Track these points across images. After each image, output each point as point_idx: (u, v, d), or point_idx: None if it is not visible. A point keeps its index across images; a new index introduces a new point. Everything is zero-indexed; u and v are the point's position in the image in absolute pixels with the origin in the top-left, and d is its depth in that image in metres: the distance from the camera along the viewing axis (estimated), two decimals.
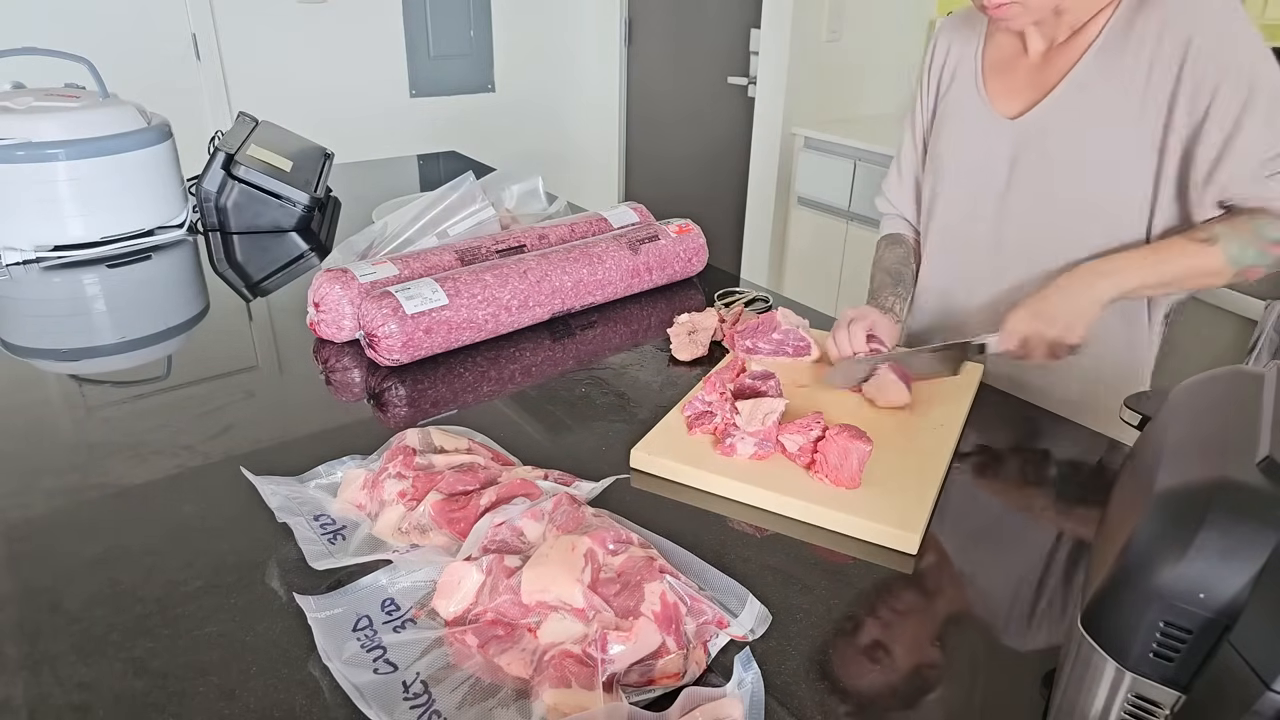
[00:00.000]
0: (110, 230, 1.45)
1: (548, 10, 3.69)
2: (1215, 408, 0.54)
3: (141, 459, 0.87)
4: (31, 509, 0.79)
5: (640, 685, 0.60)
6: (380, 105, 3.38)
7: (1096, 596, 0.49)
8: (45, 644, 0.63)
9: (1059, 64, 1.03)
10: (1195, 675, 0.45)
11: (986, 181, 1.11)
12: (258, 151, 1.60)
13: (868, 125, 2.97)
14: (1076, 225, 1.05)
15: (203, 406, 0.97)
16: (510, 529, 0.71)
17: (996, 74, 1.11)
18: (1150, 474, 0.50)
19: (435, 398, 1.01)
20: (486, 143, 3.55)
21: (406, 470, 0.78)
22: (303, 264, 1.46)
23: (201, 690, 0.60)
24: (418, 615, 0.66)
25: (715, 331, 1.15)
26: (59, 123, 1.37)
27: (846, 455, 0.81)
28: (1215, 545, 0.44)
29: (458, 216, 1.35)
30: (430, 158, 2.23)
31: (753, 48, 3.16)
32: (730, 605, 0.67)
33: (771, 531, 0.79)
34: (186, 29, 2.91)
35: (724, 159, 3.44)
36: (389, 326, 1.02)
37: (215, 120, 2.96)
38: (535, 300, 1.15)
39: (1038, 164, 1.05)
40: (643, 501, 0.82)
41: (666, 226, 1.33)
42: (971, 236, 1.15)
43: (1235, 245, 0.94)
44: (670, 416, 0.93)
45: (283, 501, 0.78)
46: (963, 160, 1.14)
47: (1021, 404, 1.03)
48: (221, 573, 0.71)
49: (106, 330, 1.21)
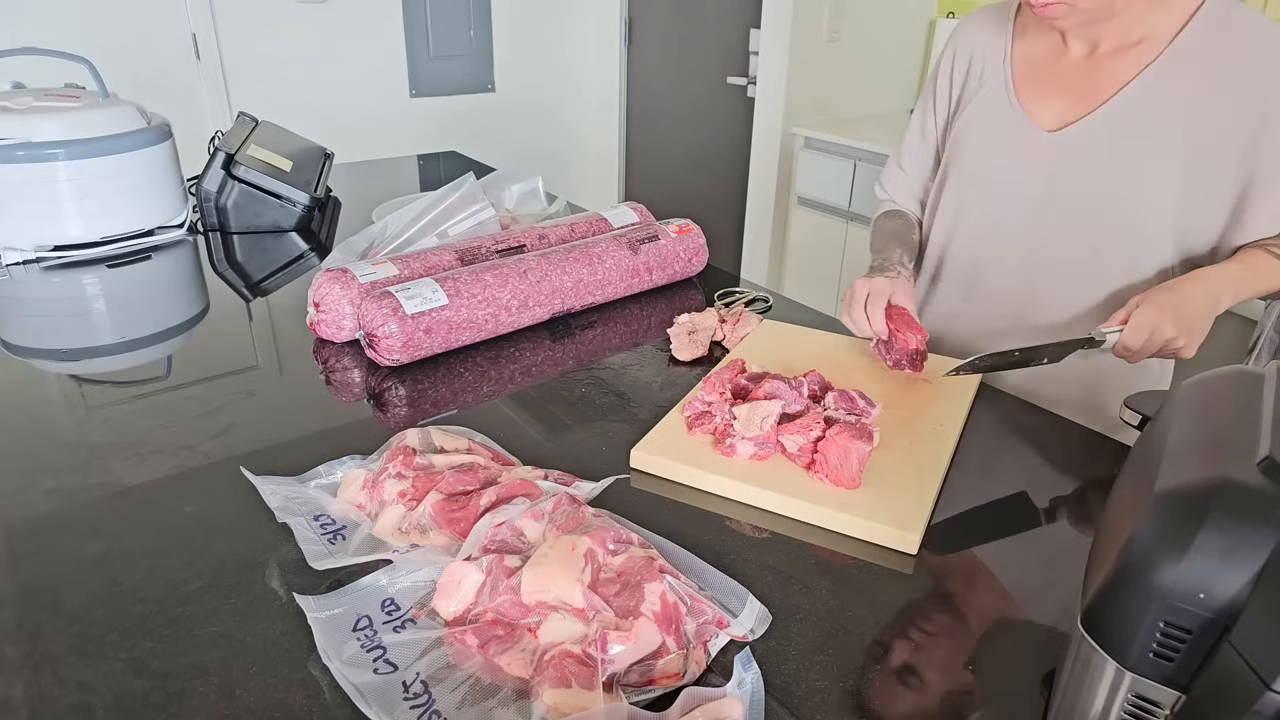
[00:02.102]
0: (110, 230, 1.45)
1: (548, 10, 3.69)
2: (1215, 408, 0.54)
3: (141, 459, 0.87)
4: (31, 509, 0.79)
5: (640, 685, 0.60)
6: (380, 105, 3.38)
7: (1096, 596, 0.49)
8: (45, 644, 0.63)
9: (1109, 75, 0.98)
10: (1195, 675, 0.45)
11: (1021, 196, 1.06)
12: (258, 151, 1.60)
13: (868, 125, 2.97)
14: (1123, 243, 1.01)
15: (203, 406, 0.97)
16: (510, 529, 0.71)
17: (1030, 79, 1.05)
18: (1150, 474, 0.50)
19: (435, 398, 1.01)
20: (486, 143, 3.55)
21: (406, 470, 0.78)
22: (303, 264, 1.46)
23: (201, 690, 0.60)
24: (418, 615, 0.66)
25: (715, 331, 1.15)
26: (59, 123, 1.37)
27: (847, 455, 0.81)
28: (1215, 545, 0.44)
29: (458, 217, 1.35)
30: (430, 158, 2.23)
31: (753, 48, 3.16)
32: (730, 605, 0.67)
33: (771, 531, 0.79)
34: (186, 29, 2.91)
35: (724, 159, 3.44)
36: (389, 326, 1.02)
37: (215, 120, 2.96)
38: (535, 300, 1.15)
39: (1083, 180, 1.01)
40: (643, 501, 0.82)
41: (666, 226, 1.33)
42: (1001, 250, 1.11)
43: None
44: (670, 416, 0.93)
45: (283, 501, 0.78)
46: (994, 173, 1.09)
47: (1021, 404, 1.03)
48: (221, 573, 0.71)
49: (106, 330, 1.21)
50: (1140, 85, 0.97)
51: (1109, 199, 1.01)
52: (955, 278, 1.18)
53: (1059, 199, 1.04)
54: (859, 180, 2.79)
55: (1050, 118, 1.03)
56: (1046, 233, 1.06)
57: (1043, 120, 1.04)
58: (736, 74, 3.26)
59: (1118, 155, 0.99)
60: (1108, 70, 0.99)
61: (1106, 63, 0.99)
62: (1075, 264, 1.05)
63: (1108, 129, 0.99)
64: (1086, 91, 1.00)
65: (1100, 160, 1.00)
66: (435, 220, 1.34)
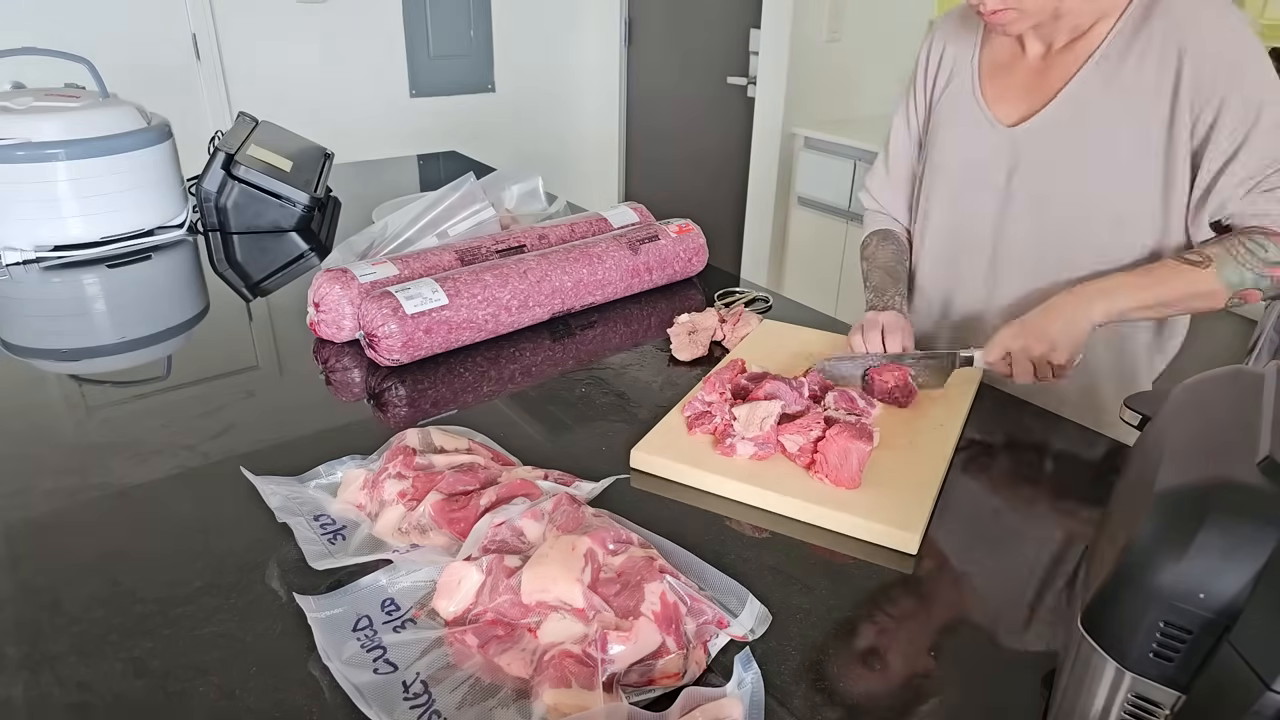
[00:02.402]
0: (110, 230, 1.45)
1: (548, 10, 3.69)
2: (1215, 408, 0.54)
3: (141, 459, 0.87)
4: (31, 509, 0.79)
5: (640, 685, 0.60)
6: (380, 105, 3.38)
7: (1096, 596, 0.49)
8: (45, 644, 0.63)
9: (1059, 70, 1.02)
10: (1195, 675, 0.45)
11: (984, 188, 1.10)
12: (258, 151, 1.60)
13: (868, 125, 2.97)
14: (1075, 236, 1.04)
15: (203, 406, 0.97)
16: (510, 529, 0.71)
17: (994, 78, 1.09)
18: (1150, 474, 0.50)
19: (435, 398, 1.01)
20: (486, 143, 3.55)
21: (406, 470, 0.78)
22: (303, 264, 1.46)
23: (201, 690, 0.60)
24: (418, 615, 0.66)
25: (715, 331, 1.15)
26: (59, 123, 1.37)
27: (846, 455, 0.81)
28: (1215, 545, 0.44)
29: (458, 217, 1.35)
30: (430, 158, 2.23)
31: (753, 48, 3.16)
32: (730, 605, 0.67)
33: (771, 531, 0.79)
34: (186, 29, 2.91)
35: (724, 159, 3.44)
36: (389, 326, 1.02)
37: (215, 120, 2.96)
38: (535, 300, 1.15)
39: (1037, 172, 1.04)
40: (643, 501, 0.82)
41: (666, 226, 1.33)
42: (969, 243, 1.14)
43: (1231, 267, 0.91)
44: (670, 416, 0.93)
45: (283, 501, 0.78)
46: (959, 167, 1.13)
47: (1021, 404, 1.03)
48: (221, 573, 0.71)
49: (106, 330, 1.21)
50: (1082, 78, 0.99)
51: (1061, 191, 1.03)
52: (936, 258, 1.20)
53: (1018, 192, 1.07)
54: (859, 180, 2.79)
55: (1010, 113, 1.07)
56: (1009, 225, 1.09)
57: (1003, 115, 1.07)
58: (736, 74, 3.26)
59: (1065, 148, 1.02)
60: (1059, 65, 1.02)
61: (1058, 58, 1.03)
62: (1036, 256, 1.08)
63: (1055, 122, 1.02)
64: (1040, 88, 1.04)
65: (1052, 153, 1.03)
66: (435, 220, 1.34)
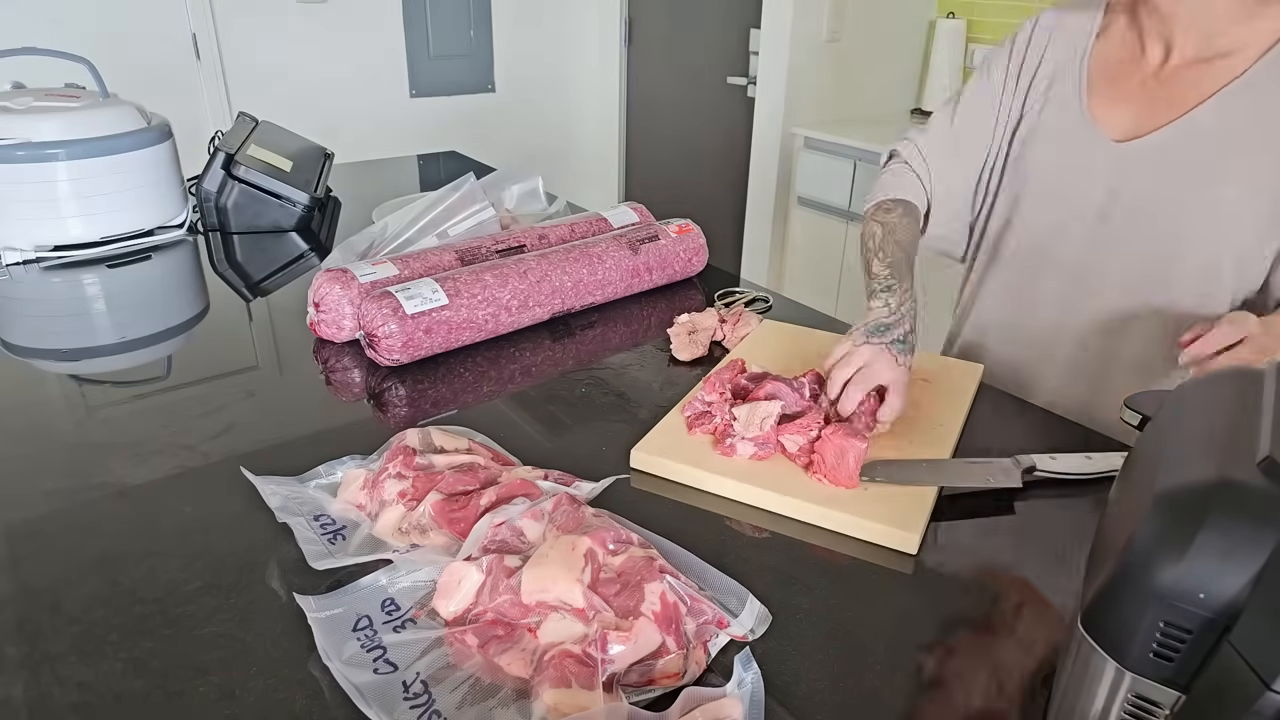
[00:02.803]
0: (110, 230, 1.45)
1: (548, 10, 3.68)
2: (1215, 408, 0.54)
3: (141, 459, 0.87)
4: (31, 509, 0.79)
5: (640, 685, 0.60)
6: (380, 105, 3.38)
7: (1096, 596, 0.49)
8: (45, 644, 0.63)
9: (1184, 89, 0.93)
10: (1195, 675, 0.45)
11: (1079, 207, 1.01)
12: (258, 151, 1.60)
13: (868, 125, 2.97)
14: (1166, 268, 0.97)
15: (203, 406, 0.97)
16: (510, 529, 0.71)
17: (1104, 83, 1.00)
18: (1150, 474, 0.50)
19: (435, 398, 1.01)
20: (486, 143, 3.55)
21: (406, 470, 0.78)
22: (303, 264, 1.46)
23: (201, 690, 0.60)
24: (418, 615, 0.66)
25: (715, 331, 1.15)
26: (59, 123, 1.37)
27: (843, 454, 0.80)
28: (1215, 545, 0.44)
29: (458, 217, 1.35)
30: (430, 158, 2.23)
31: (753, 48, 3.16)
32: (730, 605, 0.67)
33: (771, 531, 0.79)
34: (186, 29, 2.91)
35: (724, 159, 3.44)
36: (389, 326, 1.02)
37: (215, 120, 2.96)
38: (535, 300, 1.15)
39: (1143, 196, 0.96)
40: (643, 501, 0.82)
41: (666, 226, 1.33)
42: (1053, 265, 1.06)
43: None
44: (670, 416, 0.93)
45: (283, 501, 0.78)
46: (1052, 182, 1.04)
47: (1021, 404, 1.03)
48: (221, 573, 0.71)
49: (106, 330, 1.21)
50: (1216, 105, 0.91)
51: (1167, 219, 0.96)
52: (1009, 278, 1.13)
53: (1117, 212, 1.00)
54: (859, 180, 2.79)
55: (1118, 125, 0.99)
56: (1101, 244, 1.02)
57: (1110, 128, 1.00)
58: (736, 74, 3.26)
59: (1181, 176, 0.94)
60: (1185, 83, 0.94)
61: (1185, 74, 0.94)
62: (1125, 281, 1.01)
63: (1175, 146, 0.94)
64: (1160, 103, 0.96)
65: (1163, 178, 0.95)
66: (435, 220, 1.34)
